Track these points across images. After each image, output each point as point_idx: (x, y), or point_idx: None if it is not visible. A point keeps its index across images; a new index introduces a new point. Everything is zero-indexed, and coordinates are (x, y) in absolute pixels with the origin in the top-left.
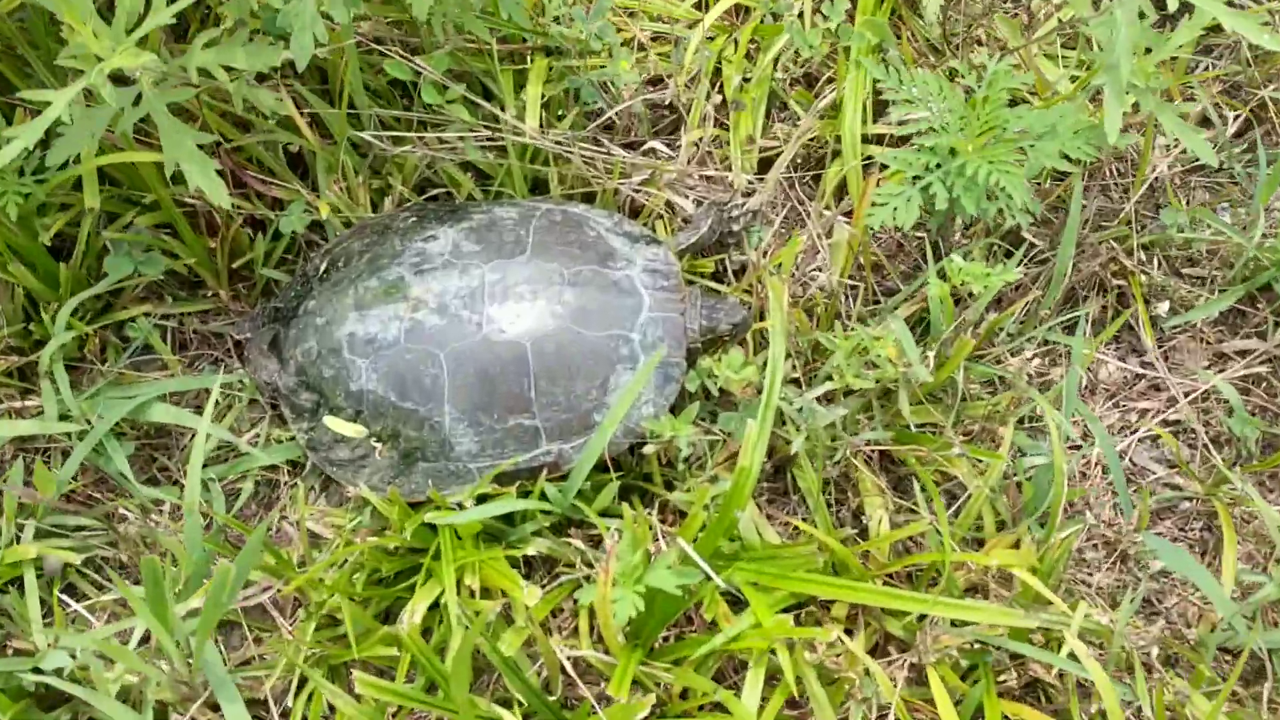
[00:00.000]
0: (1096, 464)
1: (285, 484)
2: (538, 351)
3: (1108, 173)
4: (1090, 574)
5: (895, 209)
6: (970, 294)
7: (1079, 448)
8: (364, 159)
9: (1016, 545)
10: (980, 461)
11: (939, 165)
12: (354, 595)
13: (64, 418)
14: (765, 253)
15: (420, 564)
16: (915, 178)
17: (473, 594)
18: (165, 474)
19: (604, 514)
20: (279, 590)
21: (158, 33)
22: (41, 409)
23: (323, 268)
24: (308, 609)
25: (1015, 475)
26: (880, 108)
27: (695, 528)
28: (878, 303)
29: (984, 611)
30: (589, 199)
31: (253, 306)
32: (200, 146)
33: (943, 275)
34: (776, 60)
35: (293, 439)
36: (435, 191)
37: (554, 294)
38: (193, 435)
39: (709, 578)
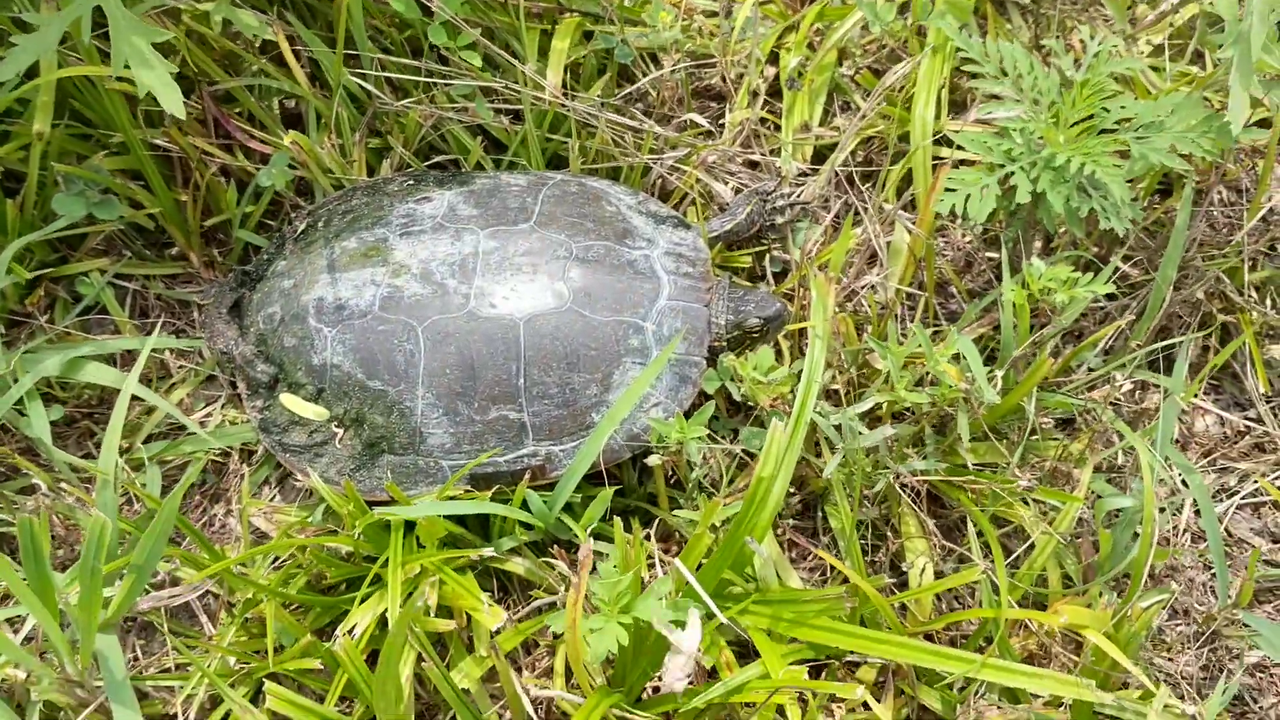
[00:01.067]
0: (1185, 530)
1: (236, 473)
2: (532, 333)
3: (1216, 198)
4: (1171, 658)
5: (968, 196)
6: (1051, 311)
7: (1162, 510)
8: (363, 115)
9: None
10: (1048, 508)
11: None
12: (288, 599)
13: None
14: (811, 252)
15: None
16: (997, 166)
17: (429, 612)
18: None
19: (597, 536)
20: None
21: None
22: None
23: (301, 229)
24: (230, 611)
25: (1090, 528)
26: (955, 107)
27: (699, 553)
28: (939, 324)
29: (1044, 680)
30: (614, 178)
31: (227, 274)
32: (157, 46)
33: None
34: (841, 52)
35: (249, 422)
36: (440, 158)
37: (558, 269)
38: (143, 409)
39: (711, 614)
